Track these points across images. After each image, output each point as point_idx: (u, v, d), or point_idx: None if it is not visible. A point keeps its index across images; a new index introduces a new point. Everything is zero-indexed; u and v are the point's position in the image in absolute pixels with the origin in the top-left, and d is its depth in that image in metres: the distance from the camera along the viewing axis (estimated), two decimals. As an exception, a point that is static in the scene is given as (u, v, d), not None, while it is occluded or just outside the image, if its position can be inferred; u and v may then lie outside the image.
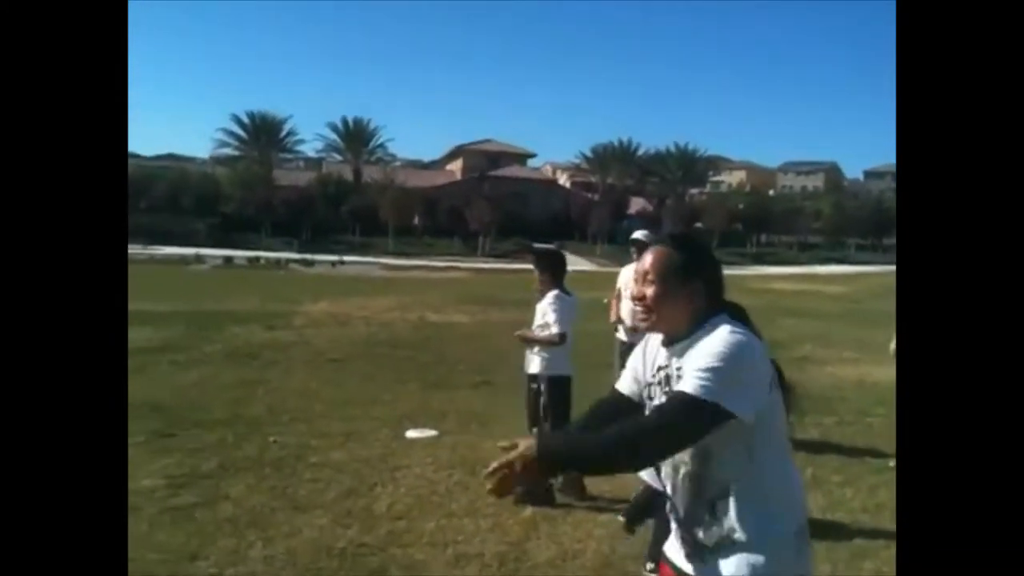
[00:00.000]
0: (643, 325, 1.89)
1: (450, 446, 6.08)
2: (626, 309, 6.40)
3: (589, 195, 70.45)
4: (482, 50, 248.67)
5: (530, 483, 4.89)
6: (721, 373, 1.64)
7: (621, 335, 6.57)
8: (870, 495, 4.98)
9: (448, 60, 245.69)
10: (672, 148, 76.03)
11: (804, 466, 5.64)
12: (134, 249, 45.82)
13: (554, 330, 5.02)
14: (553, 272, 5.23)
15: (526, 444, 1.66)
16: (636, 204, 69.49)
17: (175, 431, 6.24)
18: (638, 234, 6.54)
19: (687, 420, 1.66)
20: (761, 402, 1.69)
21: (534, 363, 5.18)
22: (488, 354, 10.17)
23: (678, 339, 1.81)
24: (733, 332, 1.71)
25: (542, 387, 5.13)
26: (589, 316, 6.65)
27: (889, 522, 4.29)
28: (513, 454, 1.64)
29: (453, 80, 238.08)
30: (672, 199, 69.12)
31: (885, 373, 8.56)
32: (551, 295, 5.11)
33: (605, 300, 6.67)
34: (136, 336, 10.90)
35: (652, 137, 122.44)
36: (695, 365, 1.69)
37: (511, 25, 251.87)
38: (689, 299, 1.81)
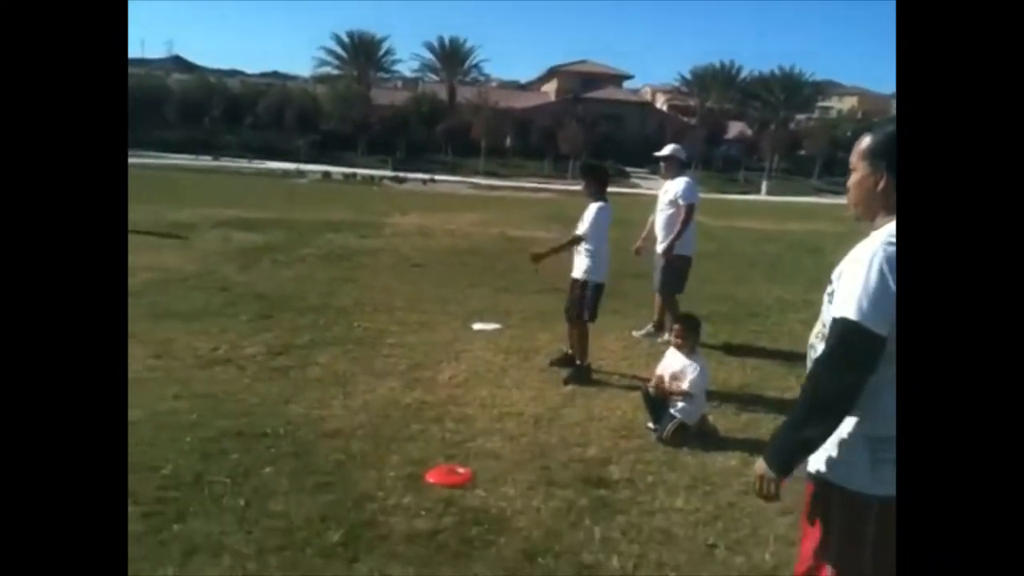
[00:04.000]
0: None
1: (510, 336, 6.81)
2: (660, 222, 6.90)
3: (686, 119, 68.66)
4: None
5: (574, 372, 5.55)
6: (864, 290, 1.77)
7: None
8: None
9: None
10: (776, 72, 72.80)
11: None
12: (241, 163, 48.23)
13: (577, 232, 5.71)
14: (594, 184, 5.81)
15: (759, 465, 1.93)
16: (735, 128, 67.34)
17: (274, 314, 7.19)
18: (665, 150, 6.98)
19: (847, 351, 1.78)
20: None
21: (575, 268, 5.88)
22: (560, 265, 10.71)
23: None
24: (888, 242, 1.79)
25: (579, 290, 5.82)
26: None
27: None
28: (756, 481, 1.93)
29: (551, 1, 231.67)
30: (775, 124, 66.50)
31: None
32: (591, 206, 5.70)
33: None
34: (243, 239, 12.09)
35: (757, 61, 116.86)
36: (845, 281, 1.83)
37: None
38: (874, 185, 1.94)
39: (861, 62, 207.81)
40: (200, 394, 4.85)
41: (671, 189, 6.89)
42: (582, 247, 5.73)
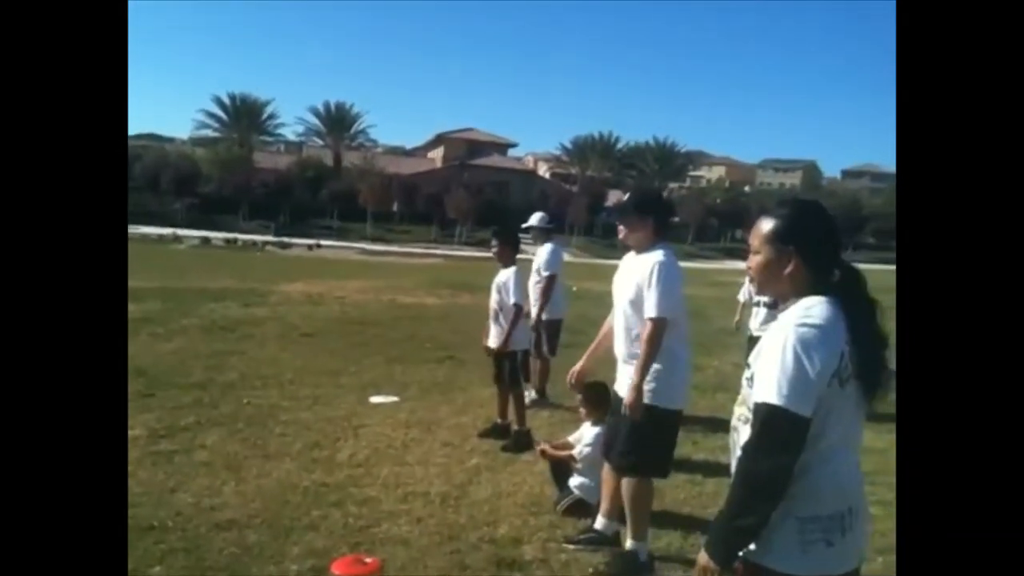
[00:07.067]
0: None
1: (409, 410, 6.64)
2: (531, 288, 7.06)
3: (568, 186, 71.08)
4: (466, 41, 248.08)
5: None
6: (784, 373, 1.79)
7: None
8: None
9: (433, 50, 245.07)
10: (651, 142, 77.11)
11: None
12: (111, 228, 45.74)
13: (511, 302, 5.73)
14: (508, 250, 5.88)
15: (701, 557, 1.89)
16: (614, 196, 70.11)
17: (155, 392, 6.73)
18: (531, 220, 7.27)
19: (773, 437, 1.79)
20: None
21: (491, 336, 5.89)
22: (455, 333, 10.71)
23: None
24: (799, 323, 1.83)
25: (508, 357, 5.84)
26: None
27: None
28: (698, 573, 1.87)
29: (437, 70, 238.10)
30: (650, 193, 69.72)
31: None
32: (505, 272, 5.78)
33: (574, 288, 7.29)
34: (116, 309, 11.34)
35: (632, 131, 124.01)
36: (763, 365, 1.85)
37: (498, 17, 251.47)
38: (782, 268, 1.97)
39: (729, 132, 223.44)
40: (73, 486, 4.42)
41: (536, 257, 7.18)
42: (508, 314, 5.77)
